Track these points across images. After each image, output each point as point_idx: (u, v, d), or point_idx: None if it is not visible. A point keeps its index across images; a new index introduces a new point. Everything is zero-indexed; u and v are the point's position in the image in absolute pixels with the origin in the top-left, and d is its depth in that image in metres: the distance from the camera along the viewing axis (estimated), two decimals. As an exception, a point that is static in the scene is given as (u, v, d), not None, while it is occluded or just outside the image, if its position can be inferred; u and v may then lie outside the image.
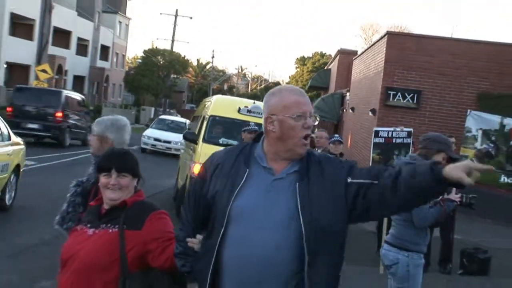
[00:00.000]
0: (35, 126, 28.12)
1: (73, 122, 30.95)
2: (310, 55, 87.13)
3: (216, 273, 3.29)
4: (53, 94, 31.43)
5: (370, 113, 21.83)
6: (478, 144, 13.39)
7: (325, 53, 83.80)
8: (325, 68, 48.16)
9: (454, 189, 5.91)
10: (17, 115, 28.28)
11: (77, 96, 34.50)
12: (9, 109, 29.37)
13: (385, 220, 10.69)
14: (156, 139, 32.58)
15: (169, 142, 32.23)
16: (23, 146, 15.03)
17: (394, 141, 11.48)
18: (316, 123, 3.48)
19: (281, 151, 3.37)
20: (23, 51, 48.51)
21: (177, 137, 28.72)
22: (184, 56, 73.68)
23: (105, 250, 3.66)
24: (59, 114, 28.78)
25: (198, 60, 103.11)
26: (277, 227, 3.21)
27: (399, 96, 20.74)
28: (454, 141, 9.65)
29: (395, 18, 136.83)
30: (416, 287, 6.08)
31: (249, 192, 3.30)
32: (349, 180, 3.29)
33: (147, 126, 39.89)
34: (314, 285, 3.20)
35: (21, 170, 14.53)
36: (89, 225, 3.84)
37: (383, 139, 11.56)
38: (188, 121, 29.09)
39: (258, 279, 3.21)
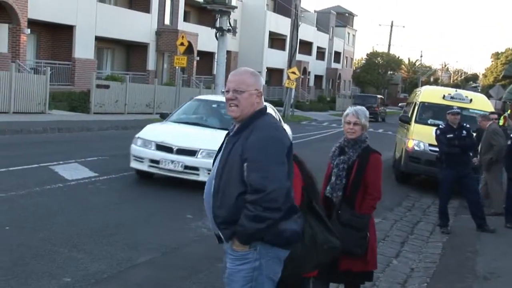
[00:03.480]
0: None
1: (381, 110, 46.69)
2: (503, 50, 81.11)
3: None
4: (373, 97, 47.93)
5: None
6: None
7: (517, 48, 77.52)
8: (517, 60, 44.49)
9: None
10: None
11: (380, 96, 51.19)
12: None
13: None
14: (161, 148, 10.38)
15: (192, 153, 10.17)
16: None
17: None
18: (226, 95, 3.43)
19: None
20: (278, 59, 50.19)
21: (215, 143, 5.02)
22: (398, 57, 72.02)
23: None
24: (376, 107, 43.79)
25: (409, 59, 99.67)
26: (214, 169, 3.46)
27: None
28: None
29: None
30: None
31: (222, 146, 3.53)
32: (244, 152, 3.27)
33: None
34: (214, 208, 3.36)
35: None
36: None
37: None
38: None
39: (206, 202, 3.47)
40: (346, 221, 4.62)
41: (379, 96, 51.04)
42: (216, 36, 29.27)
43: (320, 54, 65.73)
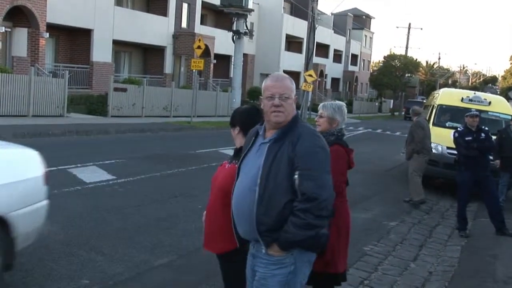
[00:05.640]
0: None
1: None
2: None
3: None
4: (419, 102, 48.52)
5: None
6: None
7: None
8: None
9: None
10: (408, 112, 47.35)
11: (420, 101, 52.40)
12: (405, 108, 52.60)
13: None
14: None
15: None
16: None
17: None
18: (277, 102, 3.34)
19: (268, 122, 3.42)
20: (294, 61, 50.19)
21: None
22: (416, 59, 71.49)
23: (230, 178, 3.67)
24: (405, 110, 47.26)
25: (427, 62, 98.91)
26: (251, 176, 3.32)
27: None
28: None
29: None
30: None
31: (250, 153, 3.45)
32: (295, 160, 3.23)
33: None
34: (258, 216, 3.26)
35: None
36: (228, 161, 3.93)
37: None
38: None
39: (236, 212, 3.42)
40: None
41: (424, 101, 53.92)
42: (233, 39, 29.38)
43: (337, 57, 65.58)
